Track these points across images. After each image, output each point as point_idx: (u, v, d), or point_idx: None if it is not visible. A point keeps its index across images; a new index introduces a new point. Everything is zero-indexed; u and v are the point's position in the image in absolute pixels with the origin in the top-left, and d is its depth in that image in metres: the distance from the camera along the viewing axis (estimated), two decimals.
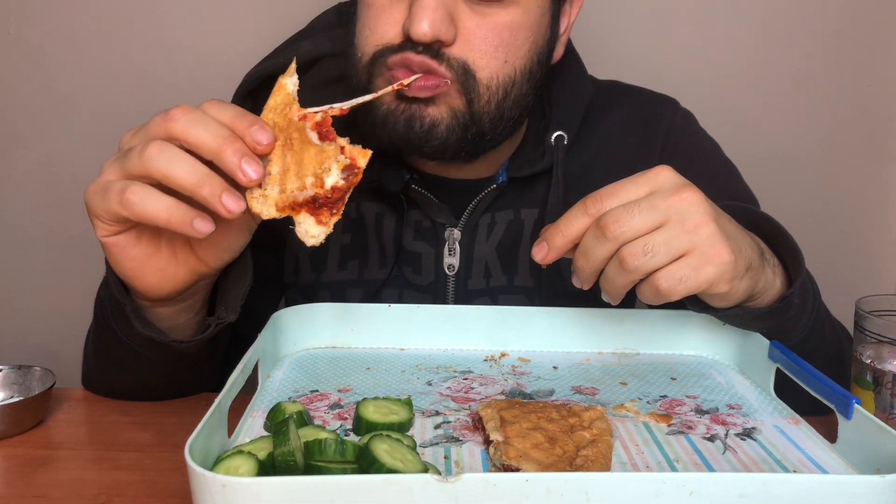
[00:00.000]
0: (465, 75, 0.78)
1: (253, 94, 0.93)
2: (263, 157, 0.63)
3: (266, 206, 0.62)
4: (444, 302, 0.94)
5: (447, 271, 0.93)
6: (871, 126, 1.38)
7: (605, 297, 0.70)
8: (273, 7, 1.31)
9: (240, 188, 0.61)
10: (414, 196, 0.91)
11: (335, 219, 0.63)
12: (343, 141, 0.63)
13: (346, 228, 0.94)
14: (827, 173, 1.40)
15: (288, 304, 1.00)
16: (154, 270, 0.68)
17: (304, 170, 0.62)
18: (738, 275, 0.67)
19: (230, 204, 0.60)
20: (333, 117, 0.64)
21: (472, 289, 0.94)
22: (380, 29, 0.79)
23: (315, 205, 0.62)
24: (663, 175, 0.66)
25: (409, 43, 0.77)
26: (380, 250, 0.94)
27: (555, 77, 0.94)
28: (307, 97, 0.93)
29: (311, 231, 0.62)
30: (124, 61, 1.32)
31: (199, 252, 0.70)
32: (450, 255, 0.93)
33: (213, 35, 1.32)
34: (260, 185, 0.62)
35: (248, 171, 0.60)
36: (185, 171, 0.60)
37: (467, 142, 0.81)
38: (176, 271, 0.70)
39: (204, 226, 0.61)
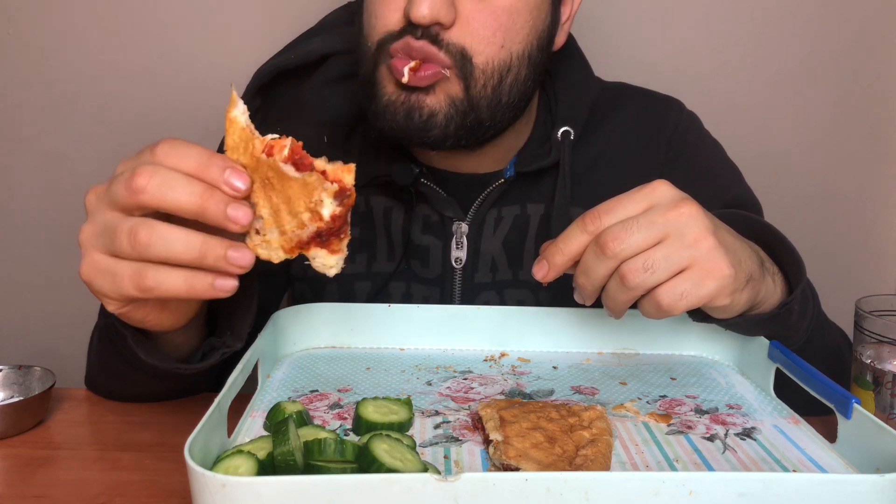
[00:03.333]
0: (462, 60, 0.79)
1: (263, 89, 0.93)
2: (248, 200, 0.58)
3: (273, 251, 0.59)
4: (451, 295, 0.95)
5: (454, 264, 0.94)
6: (871, 126, 1.38)
7: (607, 313, 0.70)
8: (274, 7, 1.31)
9: (237, 237, 0.59)
10: (422, 190, 0.91)
11: (346, 241, 0.60)
12: (322, 163, 0.58)
13: (355, 222, 0.95)
14: (827, 173, 1.40)
15: (294, 298, 1.00)
16: (169, 314, 0.66)
17: (295, 206, 0.58)
18: (739, 287, 0.67)
19: (240, 261, 0.57)
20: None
21: (478, 282, 0.94)
22: (383, 16, 0.80)
23: (322, 238, 0.59)
24: (660, 190, 0.66)
25: (409, 27, 0.78)
26: (388, 244, 0.95)
27: (560, 73, 0.94)
28: (317, 94, 0.94)
29: (328, 262, 0.60)
30: (125, 61, 1.32)
31: None
32: (457, 248, 0.94)
33: (214, 35, 1.32)
34: (258, 232, 0.59)
35: (237, 216, 0.56)
36: (182, 250, 0.56)
37: (466, 129, 0.82)
38: (189, 305, 0.68)
39: (226, 284, 0.58)
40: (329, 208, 0.57)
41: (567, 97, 0.94)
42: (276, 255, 0.59)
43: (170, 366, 0.70)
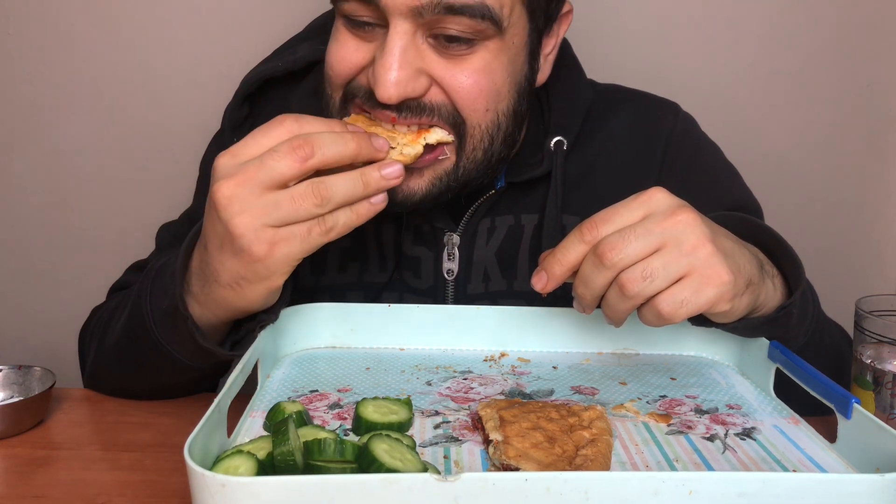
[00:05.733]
0: (453, 119, 0.77)
1: (251, 97, 0.93)
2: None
3: (413, 145, 0.75)
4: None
5: (446, 276, 0.93)
6: (871, 126, 1.38)
7: (607, 321, 0.69)
8: (272, 8, 1.31)
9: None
10: None
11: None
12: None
13: None
14: (827, 173, 1.39)
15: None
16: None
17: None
18: (739, 292, 0.67)
19: (393, 174, 0.69)
20: None
21: (471, 293, 0.94)
22: (343, 71, 0.78)
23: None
24: (657, 197, 0.66)
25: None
26: (379, 254, 0.94)
27: (553, 81, 0.93)
28: (305, 104, 0.93)
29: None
30: (124, 61, 1.32)
31: None
32: (449, 259, 0.92)
33: (212, 35, 1.32)
34: (392, 147, 0.73)
35: (381, 144, 0.70)
36: (353, 188, 0.67)
37: (452, 192, 0.81)
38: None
39: (378, 199, 0.69)
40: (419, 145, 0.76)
41: (560, 105, 0.93)
42: (416, 147, 0.74)
43: (219, 351, 0.73)
